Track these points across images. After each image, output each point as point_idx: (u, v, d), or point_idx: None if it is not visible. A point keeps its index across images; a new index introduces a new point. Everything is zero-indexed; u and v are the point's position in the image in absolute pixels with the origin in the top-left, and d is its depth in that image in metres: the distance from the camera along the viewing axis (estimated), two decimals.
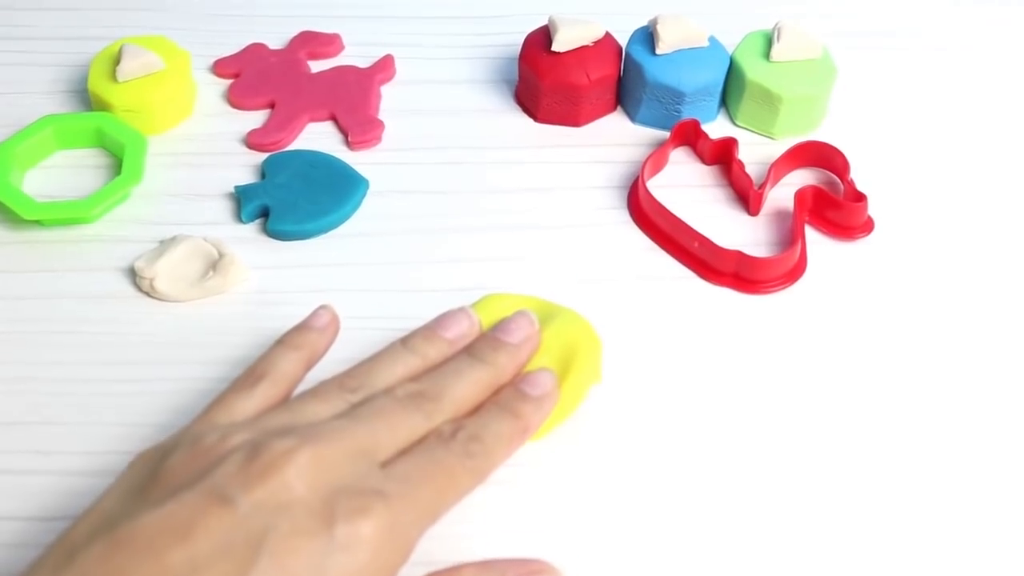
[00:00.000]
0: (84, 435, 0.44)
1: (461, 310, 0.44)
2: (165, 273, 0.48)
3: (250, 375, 0.40)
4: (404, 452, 0.38)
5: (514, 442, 0.40)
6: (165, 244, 0.50)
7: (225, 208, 0.52)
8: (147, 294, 0.49)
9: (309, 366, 0.42)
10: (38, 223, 0.51)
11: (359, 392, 0.40)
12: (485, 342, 0.42)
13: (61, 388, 0.45)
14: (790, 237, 0.51)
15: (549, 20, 0.55)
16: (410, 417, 0.39)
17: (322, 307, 0.44)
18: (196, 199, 0.53)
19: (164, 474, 0.35)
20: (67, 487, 0.42)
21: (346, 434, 0.37)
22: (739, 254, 0.49)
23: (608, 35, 0.56)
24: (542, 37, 0.56)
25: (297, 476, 0.34)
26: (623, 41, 0.56)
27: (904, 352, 0.48)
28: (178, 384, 0.45)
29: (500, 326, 0.43)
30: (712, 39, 0.56)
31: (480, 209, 0.53)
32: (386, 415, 0.38)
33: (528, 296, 0.46)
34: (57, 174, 0.54)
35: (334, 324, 0.44)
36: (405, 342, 0.42)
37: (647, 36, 0.56)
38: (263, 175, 0.53)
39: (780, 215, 0.53)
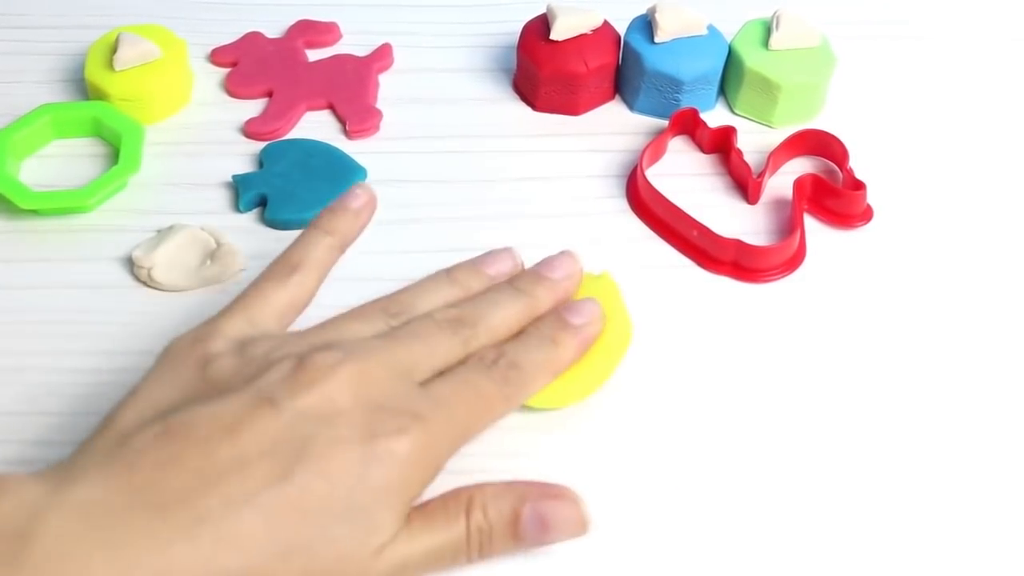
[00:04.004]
0: (81, 425, 0.43)
1: (506, 250, 0.45)
2: (163, 263, 0.48)
3: (284, 264, 0.42)
4: (441, 373, 0.39)
5: (552, 369, 0.41)
6: (163, 233, 0.49)
7: (223, 197, 0.52)
8: (145, 284, 0.48)
9: (342, 251, 0.43)
10: (35, 212, 0.51)
11: (400, 316, 0.41)
12: (527, 275, 0.44)
13: (58, 378, 0.45)
14: (789, 225, 0.51)
15: (547, 8, 0.55)
16: (448, 340, 0.40)
17: (358, 186, 0.44)
18: (194, 188, 0.53)
19: (212, 375, 0.37)
20: None
21: (387, 353, 0.38)
22: (738, 243, 0.49)
23: (606, 23, 0.56)
24: (540, 25, 0.56)
25: (340, 389, 0.36)
26: (621, 29, 0.56)
27: (903, 340, 0.47)
28: None
29: (543, 261, 0.44)
30: (711, 27, 0.55)
31: (478, 198, 0.53)
32: (424, 337, 0.40)
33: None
34: (54, 163, 0.54)
35: (370, 206, 0.45)
36: (449, 272, 0.44)
37: (646, 24, 0.55)
38: (261, 164, 0.53)
39: (779, 203, 0.53)
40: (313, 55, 0.59)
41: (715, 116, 0.56)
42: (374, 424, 0.36)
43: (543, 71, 0.55)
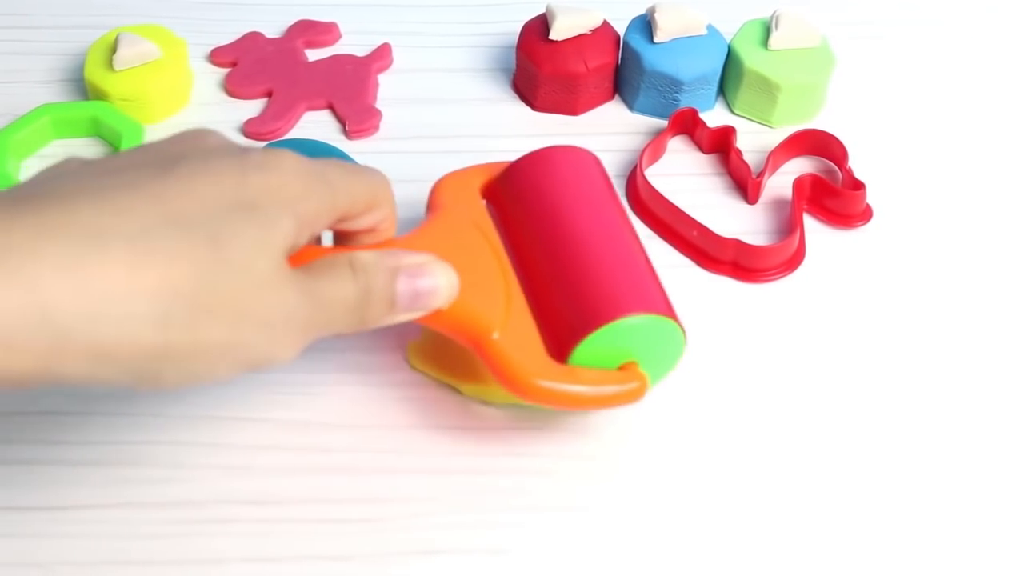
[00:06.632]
0: (85, 424, 0.44)
1: None
2: None
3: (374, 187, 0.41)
4: None
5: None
6: None
7: None
8: None
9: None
10: None
11: None
12: None
13: None
14: (789, 225, 0.51)
15: (547, 8, 0.55)
16: None
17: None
18: None
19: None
20: (68, 476, 0.42)
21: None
22: (738, 242, 0.49)
23: (606, 23, 0.56)
24: (540, 25, 0.56)
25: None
26: (621, 29, 0.56)
27: (902, 340, 0.48)
28: None
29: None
30: (710, 27, 0.55)
31: None
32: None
33: None
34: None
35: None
36: None
37: (645, 24, 0.55)
38: None
39: (779, 203, 0.53)
40: (313, 55, 0.59)
41: (714, 116, 0.57)
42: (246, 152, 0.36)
43: (542, 71, 0.55)
